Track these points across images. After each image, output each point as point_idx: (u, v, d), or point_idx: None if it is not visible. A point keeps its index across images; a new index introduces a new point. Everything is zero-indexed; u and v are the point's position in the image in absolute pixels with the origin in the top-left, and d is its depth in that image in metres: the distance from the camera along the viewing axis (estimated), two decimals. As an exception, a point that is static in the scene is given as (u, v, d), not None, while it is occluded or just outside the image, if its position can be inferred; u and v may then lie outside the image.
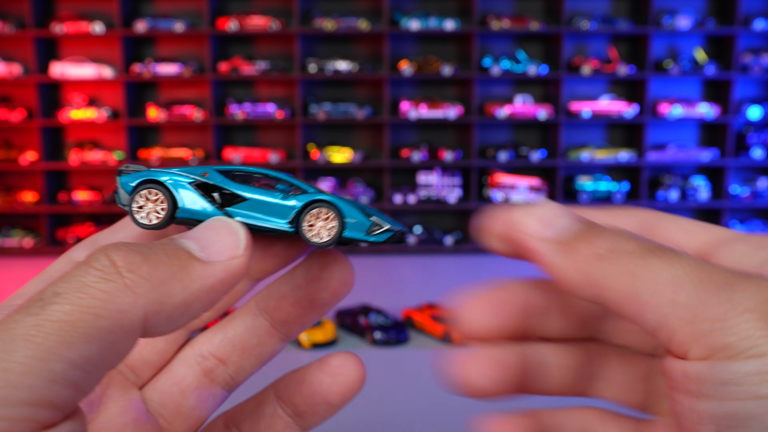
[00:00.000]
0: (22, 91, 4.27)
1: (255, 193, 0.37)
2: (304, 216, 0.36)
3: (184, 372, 0.40)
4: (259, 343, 0.41)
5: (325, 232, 0.36)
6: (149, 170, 0.38)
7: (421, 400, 2.21)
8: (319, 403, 0.39)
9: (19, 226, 4.34)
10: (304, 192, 0.37)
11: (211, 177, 0.37)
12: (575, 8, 4.26)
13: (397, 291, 3.48)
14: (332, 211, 0.36)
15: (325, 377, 0.39)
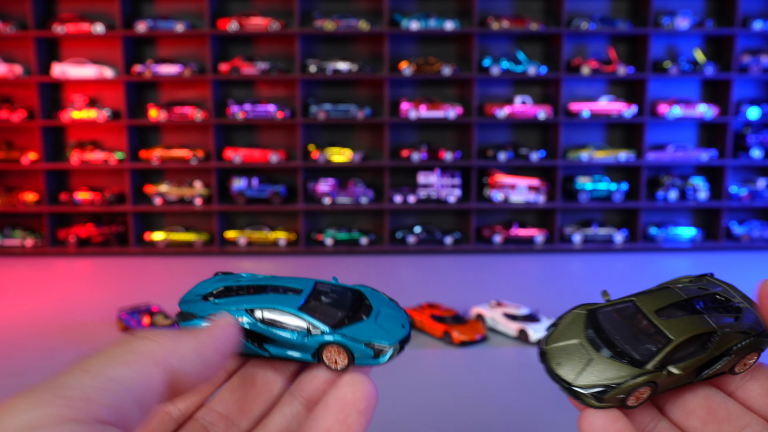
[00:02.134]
0: (24, 92, 4.29)
1: (282, 336, 0.47)
2: (322, 351, 0.46)
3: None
4: (300, 428, 0.44)
5: (340, 361, 0.46)
6: (197, 318, 0.48)
7: (421, 399, 2.23)
8: (349, 414, 0.42)
9: (21, 226, 4.35)
10: (320, 332, 0.47)
11: (245, 322, 0.47)
12: (575, 9, 4.28)
13: (397, 291, 3.49)
14: (342, 349, 0.46)
15: (348, 388, 0.43)
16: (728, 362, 0.44)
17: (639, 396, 0.43)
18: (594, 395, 0.43)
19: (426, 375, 2.47)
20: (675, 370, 0.44)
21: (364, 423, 0.43)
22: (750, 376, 0.44)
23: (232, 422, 0.45)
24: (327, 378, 0.46)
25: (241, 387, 0.47)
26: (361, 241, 4.30)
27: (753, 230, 4.36)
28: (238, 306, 0.48)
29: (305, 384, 0.46)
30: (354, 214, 4.48)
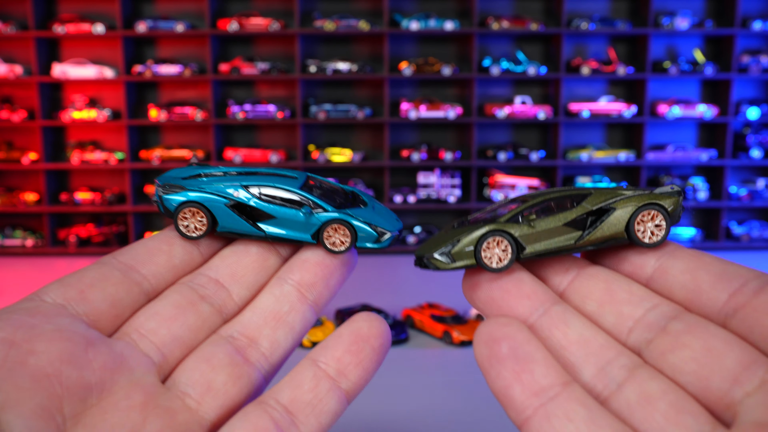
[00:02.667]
0: (24, 92, 4.29)
1: (283, 214, 0.44)
2: (324, 230, 0.44)
3: (213, 350, 0.40)
4: (291, 309, 0.42)
5: (340, 242, 0.44)
6: (188, 190, 0.45)
7: (421, 399, 2.23)
8: (363, 348, 0.39)
9: (21, 226, 4.36)
10: (323, 210, 0.44)
11: (242, 197, 0.44)
12: (574, 9, 4.28)
13: (397, 291, 3.50)
14: (347, 228, 0.44)
15: (363, 323, 0.40)
16: (616, 220, 0.40)
17: (495, 250, 0.40)
18: (441, 253, 0.41)
19: (426, 375, 2.47)
20: (533, 216, 0.40)
21: (376, 361, 0.40)
22: (670, 255, 0.39)
23: (223, 286, 0.43)
24: (319, 261, 0.43)
25: (233, 255, 0.44)
26: (361, 241, 4.30)
27: (753, 230, 4.37)
28: (233, 182, 0.45)
29: (295, 267, 0.43)
30: (354, 214, 4.48)
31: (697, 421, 0.31)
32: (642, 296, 0.38)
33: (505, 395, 0.34)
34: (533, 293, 0.39)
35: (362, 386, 0.40)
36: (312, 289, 0.43)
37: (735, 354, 0.32)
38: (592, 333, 0.37)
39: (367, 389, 0.45)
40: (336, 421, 0.40)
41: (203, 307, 0.41)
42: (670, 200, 0.41)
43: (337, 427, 1.55)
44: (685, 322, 0.35)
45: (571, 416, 0.32)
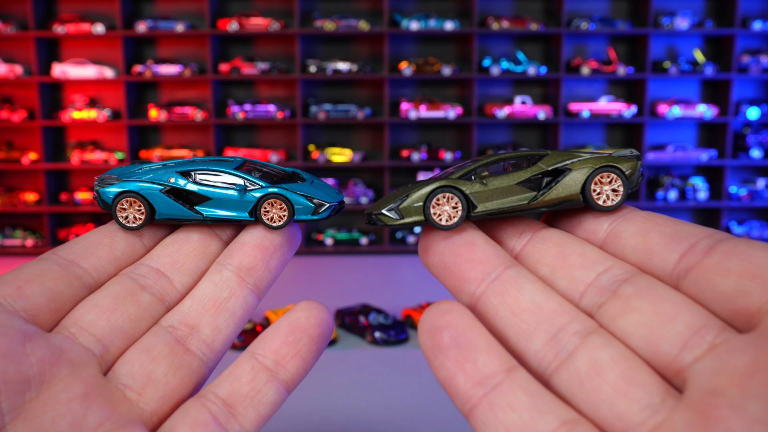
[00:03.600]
0: (24, 92, 4.29)
1: (217, 194, 0.44)
2: (261, 206, 0.44)
3: (153, 341, 0.40)
4: (231, 294, 0.42)
5: (278, 217, 0.44)
6: (123, 182, 0.45)
7: (421, 399, 2.23)
8: (300, 338, 0.39)
9: (21, 226, 4.36)
10: (259, 186, 0.45)
11: (176, 182, 0.45)
12: (574, 9, 4.28)
13: (397, 291, 3.50)
14: (282, 201, 0.44)
15: (301, 313, 0.40)
16: (571, 182, 0.39)
17: (445, 207, 0.39)
18: (390, 209, 0.41)
19: (426, 375, 2.47)
20: (485, 173, 0.40)
21: (315, 351, 0.40)
22: (623, 218, 0.38)
23: (164, 274, 0.42)
24: (257, 243, 0.43)
25: (174, 243, 0.44)
26: (361, 241, 4.31)
27: (753, 230, 4.37)
28: (168, 170, 0.45)
29: (234, 252, 0.43)
30: (354, 214, 4.48)
31: (647, 392, 0.30)
32: (595, 259, 0.36)
33: (449, 385, 0.33)
34: (485, 257, 0.37)
35: (302, 376, 0.40)
36: (251, 272, 0.43)
37: (685, 318, 0.31)
38: (544, 298, 0.35)
39: (368, 389, 0.45)
40: (275, 411, 0.40)
41: (144, 296, 0.41)
42: (629, 164, 0.40)
43: (337, 425, 1.56)
44: (636, 285, 0.34)
45: (514, 405, 0.31)
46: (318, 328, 0.40)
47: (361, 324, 2.74)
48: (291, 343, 0.39)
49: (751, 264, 0.31)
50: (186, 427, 0.36)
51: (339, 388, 2.30)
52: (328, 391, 2.26)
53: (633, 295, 0.33)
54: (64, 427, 0.34)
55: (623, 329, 0.33)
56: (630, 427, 0.30)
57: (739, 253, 0.31)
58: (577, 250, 0.37)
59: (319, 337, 0.40)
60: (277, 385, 0.39)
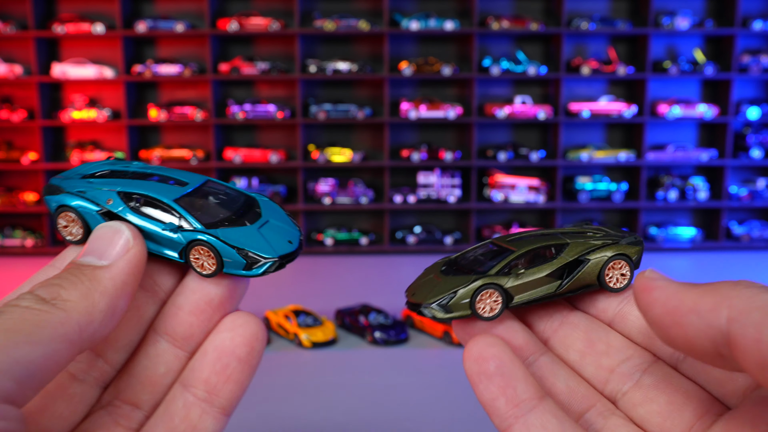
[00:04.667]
0: (24, 92, 4.29)
1: (152, 226, 0.41)
2: (189, 250, 0.41)
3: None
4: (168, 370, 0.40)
5: (208, 265, 0.41)
6: (65, 194, 0.43)
7: (421, 398, 2.23)
8: (228, 363, 0.39)
9: (21, 226, 4.35)
10: (191, 229, 0.41)
11: (114, 205, 0.42)
12: (574, 9, 4.28)
13: (397, 291, 3.48)
14: (211, 251, 0.41)
15: (226, 334, 0.39)
16: (590, 270, 0.46)
17: (487, 301, 0.45)
18: (439, 305, 0.45)
19: (426, 375, 2.47)
20: (521, 270, 0.46)
21: (247, 371, 0.39)
22: (629, 300, 0.45)
23: (96, 356, 0.40)
24: (191, 308, 0.40)
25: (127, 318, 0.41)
26: (361, 241, 4.30)
27: (753, 230, 4.36)
28: (111, 188, 0.43)
29: (168, 318, 0.41)
30: (354, 214, 4.48)
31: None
32: (617, 347, 0.43)
33: (491, 406, 0.39)
34: (525, 344, 0.44)
35: (238, 397, 0.40)
36: (188, 341, 0.41)
37: (693, 406, 0.38)
38: (575, 383, 0.43)
39: (368, 388, 0.45)
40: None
41: (76, 387, 0.39)
42: (635, 249, 0.48)
43: (337, 425, 1.56)
44: (654, 376, 0.41)
45: (546, 426, 0.38)
46: (245, 347, 0.39)
47: (361, 324, 2.74)
48: (219, 370, 0.39)
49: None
50: None
51: (339, 388, 2.29)
52: (328, 391, 2.26)
53: (651, 386, 0.41)
54: None
55: (641, 416, 0.40)
56: None
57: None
58: (603, 338, 0.44)
59: (248, 356, 0.39)
60: (213, 414, 0.39)
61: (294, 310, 2.78)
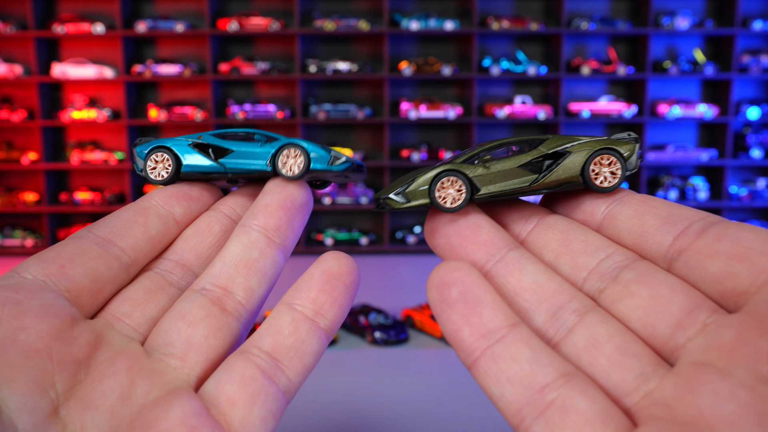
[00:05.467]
0: (24, 92, 4.29)
1: (239, 146, 0.47)
2: (278, 157, 0.45)
3: (187, 306, 0.39)
4: (261, 255, 0.42)
5: (296, 167, 0.45)
6: (157, 139, 0.48)
7: (421, 399, 2.23)
8: (336, 286, 0.40)
9: (21, 226, 4.35)
10: (276, 140, 0.47)
11: (205, 138, 0.48)
12: (574, 9, 4.28)
13: (397, 291, 3.49)
14: (299, 150, 0.45)
15: (332, 262, 0.40)
16: (572, 164, 0.40)
17: (449, 190, 0.40)
18: (396, 193, 0.42)
19: (426, 375, 2.47)
20: (487, 157, 0.41)
21: (349, 298, 0.40)
22: (619, 201, 0.39)
23: (190, 269, 0.43)
24: (280, 204, 0.43)
25: (195, 236, 0.44)
26: (361, 241, 4.30)
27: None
28: (200, 134, 0.49)
29: (258, 213, 0.43)
30: (354, 214, 4.48)
31: (640, 363, 0.32)
32: (597, 246, 0.38)
33: (455, 338, 0.34)
34: (490, 240, 0.39)
35: (339, 323, 0.41)
36: (278, 232, 0.43)
37: (679, 300, 0.33)
38: (546, 278, 0.37)
39: (368, 389, 0.45)
40: (318, 360, 0.40)
41: (173, 291, 0.41)
42: (627, 147, 0.42)
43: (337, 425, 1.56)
44: (636, 271, 0.36)
45: (516, 357, 0.33)
46: (350, 275, 0.40)
47: (361, 324, 2.74)
48: (328, 290, 0.39)
49: (740, 246, 0.32)
50: (234, 384, 0.36)
51: (339, 388, 2.29)
52: (328, 391, 2.26)
53: (632, 280, 0.35)
54: (114, 400, 0.34)
55: (622, 313, 0.35)
56: (624, 394, 0.32)
57: (729, 235, 0.33)
58: (581, 236, 0.39)
59: (352, 284, 0.40)
60: (319, 334, 0.39)
61: (294, 310, 2.77)
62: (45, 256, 0.38)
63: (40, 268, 0.37)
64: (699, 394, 0.29)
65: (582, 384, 0.32)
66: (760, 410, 0.28)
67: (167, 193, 0.45)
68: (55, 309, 0.35)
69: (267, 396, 0.36)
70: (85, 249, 0.39)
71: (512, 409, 0.33)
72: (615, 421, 0.31)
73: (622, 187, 0.41)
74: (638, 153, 0.42)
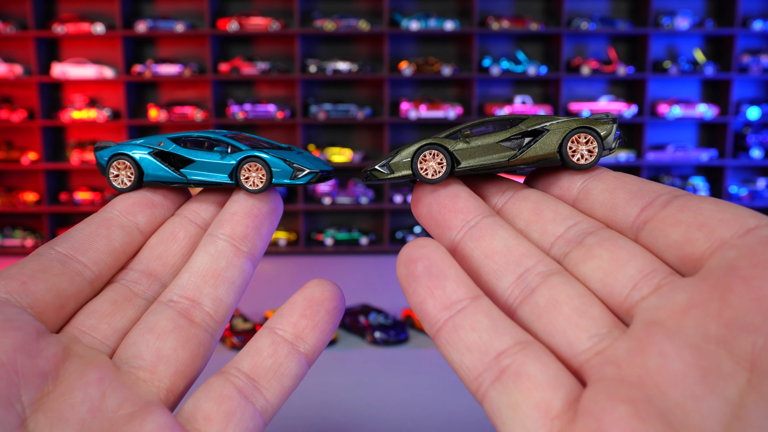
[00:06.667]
0: (24, 92, 4.29)
1: (201, 157, 0.46)
2: (240, 170, 0.45)
3: (155, 318, 0.39)
4: (229, 264, 0.42)
5: (258, 180, 0.45)
6: (117, 145, 0.48)
7: (421, 399, 2.23)
8: (317, 311, 0.41)
9: (21, 226, 4.35)
10: (239, 150, 0.46)
11: (165, 145, 0.47)
12: (574, 9, 4.28)
13: (397, 291, 3.48)
14: (260, 164, 0.45)
15: (315, 288, 0.41)
16: (549, 140, 0.42)
17: (431, 162, 0.43)
18: (381, 165, 0.44)
19: (426, 375, 2.47)
20: (468, 133, 0.44)
21: (332, 323, 0.41)
22: (595, 177, 0.41)
23: (156, 278, 0.43)
24: (247, 212, 0.44)
25: (160, 244, 0.44)
26: (361, 241, 4.30)
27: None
28: (161, 138, 0.48)
29: (224, 221, 0.43)
30: (354, 214, 4.48)
31: (596, 324, 0.34)
32: (566, 215, 0.40)
33: (420, 309, 0.36)
34: (467, 207, 0.41)
35: (320, 348, 0.41)
36: (245, 241, 0.43)
37: (638, 263, 0.35)
38: (515, 243, 0.39)
39: (368, 389, 0.45)
40: (298, 384, 0.40)
41: (139, 302, 0.41)
42: (604, 126, 0.43)
43: (337, 425, 1.56)
44: (599, 237, 0.37)
45: (475, 326, 0.35)
46: (333, 301, 0.41)
47: (361, 324, 2.74)
48: (309, 315, 0.40)
49: (700, 215, 0.34)
50: (211, 402, 0.37)
51: (339, 388, 2.29)
52: (328, 391, 2.26)
53: (595, 244, 0.37)
54: (84, 413, 0.34)
55: (584, 273, 0.37)
56: (578, 352, 0.33)
57: (691, 206, 0.35)
58: (552, 207, 0.41)
59: (334, 309, 0.41)
60: (299, 358, 0.40)
61: (294, 310, 2.77)
62: (6, 273, 0.38)
63: (2, 285, 0.37)
64: (647, 355, 0.31)
65: (536, 351, 0.33)
66: (703, 367, 0.29)
67: (129, 201, 0.45)
68: (18, 323, 0.34)
69: (243, 414, 0.37)
70: (46, 266, 0.39)
71: (471, 375, 0.35)
72: (565, 386, 0.32)
73: (599, 165, 0.43)
74: (616, 134, 0.44)
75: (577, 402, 0.32)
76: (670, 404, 0.29)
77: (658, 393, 0.30)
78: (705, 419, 0.28)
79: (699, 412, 0.28)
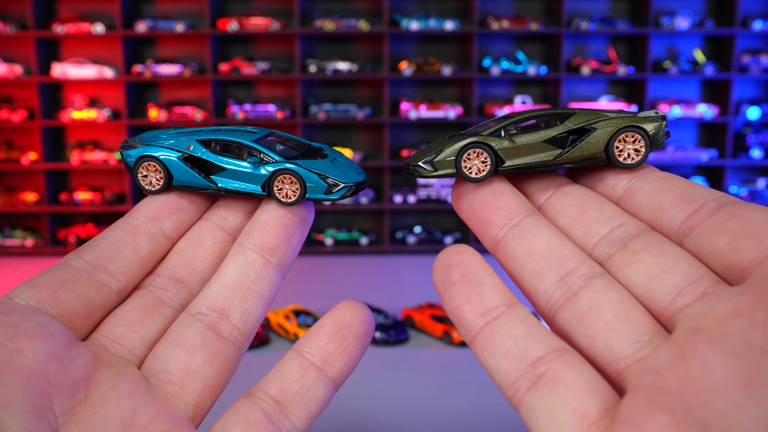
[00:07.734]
0: (24, 92, 4.29)
1: (232, 164, 0.45)
2: (273, 181, 0.44)
3: (184, 332, 0.39)
4: (258, 276, 0.42)
5: (291, 193, 0.44)
6: (145, 145, 0.46)
7: (420, 399, 2.23)
8: (346, 336, 0.40)
9: (21, 226, 4.35)
10: (273, 161, 0.45)
11: (195, 149, 0.46)
12: (575, 9, 4.28)
13: (397, 291, 3.49)
14: (295, 178, 0.44)
15: (345, 311, 0.41)
16: (596, 140, 0.42)
17: (475, 161, 0.42)
18: (425, 162, 0.44)
19: (426, 375, 2.47)
20: (513, 131, 0.43)
21: (360, 348, 0.41)
22: (641, 177, 0.40)
23: (183, 284, 0.43)
24: (278, 222, 0.43)
25: (188, 250, 0.44)
26: (361, 241, 4.30)
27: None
28: (189, 137, 0.46)
29: (255, 231, 0.43)
30: (354, 214, 4.48)
31: (637, 330, 0.34)
32: (611, 215, 0.39)
33: (456, 315, 0.36)
34: (509, 205, 0.40)
35: (348, 373, 0.41)
36: (275, 252, 0.43)
37: (683, 270, 0.34)
38: (558, 243, 0.38)
39: (368, 389, 0.45)
40: (324, 408, 0.40)
41: (167, 311, 0.41)
42: (653, 124, 0.42)
43: (337, 426, 1.56)
44: (645, 241, 0.37)
45: (512, 333, 0.35)
46: (362, 325, 0.41)
47: (361, 324, 2.74)
48: (338, 340, 0.40)
49: (748, 224, 0.33)
50: (239, 426, 0.37)
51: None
52: (328, 391, 2.26)
53: (640, 248, 0.37)
54: (116, 426, 0.34)
55: (627, 278, 0.36)
56: (618, 358, 0.33)
57: (740, 214, 0.34)
58: (596, 205, 0.40)
59: (363, 334, 0.41)
60: (326, 383, 0.40)
61: (294, 310, 2.78)
62: (36, 281, 0.38)
63: (32, 294, 0.37)
64: (689, 363, 0.30)
65: (572, 359, 0.33)
66: (746, 376, 0.28)
67: (156, 205, 0.44)
68: (50, 331, 0.34)
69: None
70: (75, 275, 0.39)
71: (507, 381, 0.34)
72: (601, 394, 0.32)
73: (645, 164, 0.42)
74: (664, 131, 0.43)
75: (613, 409, 0.31)
76: (710, 414, 0.29)
77: (699, 402, 0.29)
78: (746, 429, 0.28)
79: (740, 422, 0.28)
